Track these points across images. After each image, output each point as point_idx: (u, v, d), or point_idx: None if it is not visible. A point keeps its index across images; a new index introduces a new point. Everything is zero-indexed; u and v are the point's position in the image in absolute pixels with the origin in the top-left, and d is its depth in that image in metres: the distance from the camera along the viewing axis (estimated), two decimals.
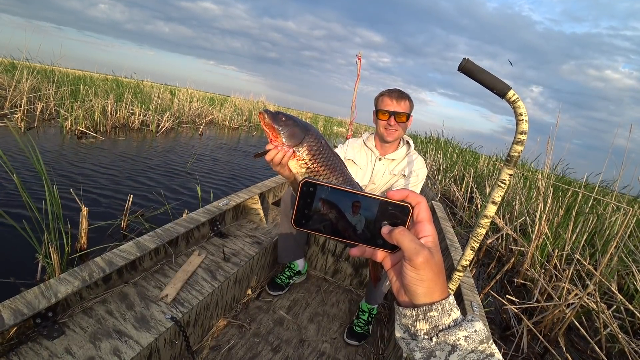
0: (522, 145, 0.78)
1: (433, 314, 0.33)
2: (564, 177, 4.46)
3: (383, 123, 1.38)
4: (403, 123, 1.37)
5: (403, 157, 1.50)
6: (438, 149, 7.25)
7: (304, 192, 0.37)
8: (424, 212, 0.35)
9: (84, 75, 7.84)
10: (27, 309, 0.86)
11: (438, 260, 0.33)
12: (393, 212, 0.36)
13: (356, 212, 0.36)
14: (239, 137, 8.17)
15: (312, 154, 0.61)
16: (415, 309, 0.34)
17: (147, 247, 1.20)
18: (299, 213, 0.37)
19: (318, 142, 0.62)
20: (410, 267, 0.33)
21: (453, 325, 0.33)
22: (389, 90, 1.37)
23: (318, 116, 18.63)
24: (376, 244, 0.37)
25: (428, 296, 0.33)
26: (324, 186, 0.37)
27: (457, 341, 0.32)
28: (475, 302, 1.32)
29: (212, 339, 1.31)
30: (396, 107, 1.34)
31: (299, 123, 0.63)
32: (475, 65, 0.83)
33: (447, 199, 4.99)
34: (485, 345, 0.32)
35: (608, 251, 2.15)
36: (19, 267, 1.58)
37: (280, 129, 0.60)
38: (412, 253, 0.32)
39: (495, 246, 3.27)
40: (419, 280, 0.33)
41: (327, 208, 0.37)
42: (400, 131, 1.39)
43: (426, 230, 0.34)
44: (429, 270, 0.32)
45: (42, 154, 3.43)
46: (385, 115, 1.35)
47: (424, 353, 0.33)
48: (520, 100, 0.80)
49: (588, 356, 1.88)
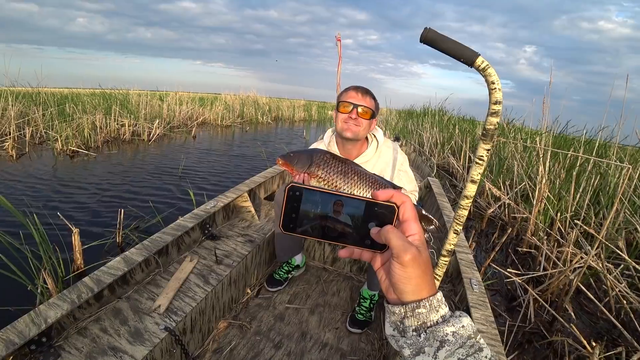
0: (497, 116, 0.73)
1: (421, 311, 0.34)
2: (564, 136, 4.36)
3: (343, 116, 1.22)
4: (366, 120, 1.22)
5: (374, 154, 1.34)
6: (433, 121, 7.13)
7: (290, 196, 0.37)
8: (410, 212, 0.36)
9: (70, 93, 7.77)
10: (19, 338, 0.87)
11: (425, 257, 0.34)
12: (379, 212, 0.37)
13: (340, 212, 0.37)
14: (233, 135, 8.11)
15: (323, 168, 0.77)
16: (403, 307, 0.34)
17: (135, 261, 1.20)
18: (287, 217, 0.38)
19: (324, 159, 0.79)
20: (399, 264, 0.33)
21: (441, 322, 0.33)
22: (355, 86, 1.25)
23: (311, 102, 18.28)
24: (364, 244, 0.38)
25: (416, 293, 0.34)
26: (310, 189, 0.37)
27: (445, 337, 0.32)
28: (474, 278, 1.30)
29: (213, 342, 1.31)
30: (361, 101, 1.20)
31: (304, 151, 0.82)
32: (438, 33, 0.77)
33: (447, 171, 4.93)
34: (473, 340, 0.32)
35: (612, 208, 2.11)
36: (19, 294, 1.60)
37: (292, 162, 0.79)
38: (400, 250, 0.33)
39: (498, 214, 3.24)
40: (406, 278, 0.33)
41: (314, 211, 0.37)
42: (361, 128, 1.23)
43: (412, 229, 0.35)
44: (417, 268, 0.33)
45: (33, 178, 3.44)
46: (346, 108, 1.20)
47: (413, 349, 0.34)
48: (491, 67, 0.74)
49: (598, 318, 1.86)
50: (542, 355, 1.59)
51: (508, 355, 1.52)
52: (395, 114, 11.03)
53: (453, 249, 0.79)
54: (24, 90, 6.42)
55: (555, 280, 1.89)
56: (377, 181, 0.76)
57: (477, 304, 1.16)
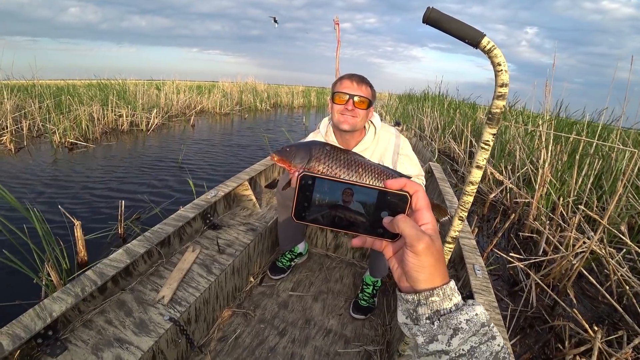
0: (503, 99, 0.69)
1: (434, 299, 0.34)
2: (567, 119, 4.30)
3: (339, 108, 1.18)
4: (363, 110, 1.18)
5: (372, 141, 1.32)
6: (434, 106, 7.03)
7: (302, 185, 0.37)
8: (422, 200, 0.36)
9: (66, 85, 7.65)
10: (25, 332, 0.87)
11: (438, 246, 0.34)
12: (392, 201, 0.37)
13: (352, 201, 0.37)
14: (232, 122, 8.05)
15: (323, 162, 0.70)
16: (416, 294, 0.34)
17: (137, 252, 1.19)
18: (299, 206, 0.38)
19: (323, 151, 0.71)
20: (412, 253, 0.33)
21: (454, 310, 0.33)
22: (349, 74, 1.20)
23: (310, 88, 18.00)
24: (376, 233, 0.38)
25: (429, 282, 0.34)
26: (322, 178, 0.37)
27: (458, 324, 0.32)
28: (477, 264, 1.30)
29: (218, 331, 1.33)
30: (356, 90, 1.16)
31: (301, 145, 0.72)
32: (442, 13, 0.73)
33: (448, 156, 4.89)
34: (486, 328, 0.33)
35: (616, 193, 2.09)
36: (26, 287, 1.62)
37: (289, 157, 0.69)
38: (414, 239, 0.33)
39: (500, 199, 3.23)
40: (420, 266, 0.33)
41: (326, 200, 0.37)
42: (358, 119, 1.20)
43: (425, 218, 0.35)
44: (430, 257, 0.33)
45: (33, 172, 3.42)
46: (342, 99, 1.17)
47: (426, 337, 0.34)
48: (497, 47, 0.70)
49: (600, 302, 1.88)
50: (544, 339, 1.61)
51: (510, 339, 1.54)
52: (395, 98, 10.87)
53: (457, 235, 0.78)
54: (19, 83, 6.31)
55: (557, 265, 1.90)
56: (383, 171, 0.71)
57: (480, 290, 1.16)
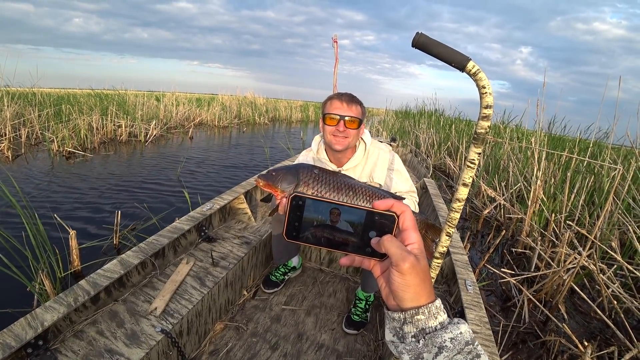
0: (488, 120, 0.74)
1: (420, 317, 0.34)
2: (560, 137, 4.40)
3: (331, 129, 1.21)
4: (354, 130, 1.21)
5: (362, 157, 1.34)
6: (430, 122, 7.16)
7: (293, 206, 0.38)
8: (409, 221, 0.37)
9: (67, 94, 7.73)
10: (15, 341, 0.87)
11: (424, 266, 0.35)
12: (379, 221, 0.38)
13: (339, 220, 0.38)
14: (230, 135, 8.11)
15: (312, 186, 0.68)
16: (402, 313, 0.35)
17: (131, 263, 1.20)
18: (290, 226, 0.39)
19: (311, 175, 0.69)
20: (398, 272, 0.34)
21: (440, 328, 0.34)
22: (338, 94, 1.23)
23: (308, 103, 18.27)
24: (365, 252, 0.39)
25: (415, 300, 0.35)
26: (313, 199, 0.39)
27: (443, 343, 0.33)
28: (469, 279, 1.31)
29: (210, 344, 1.32)
30: (347, 111, 1.18)
31: (288, 169, 0.70)
32: (430, 38, 0.78)
33: (443, 172, 4.95)
34: (471, 347, 0.33)
35: (605, 209, 2.13)
36: (20, 295, 1.60)
37: (275, 182, 0.67)
38: (399, 259, 0.34)
39: (494, 215, 3.26)
40: (405, 285, 0.34)
41: (317, 220, 0.38)
42: (350, 139, 1.22)
43: (412, 238, 0.36)
44: (415, 276, 0.34)
45: (30, 180, 3.42)
46: (333, 121, 1.19)
47: (412, 355, 0.34)
48: (482, 71, 0.76)
49: (592, 317, 1.88)
50: (536, 355, 1.61)
51: (502, 355, 1.54)
52: (392, 115, 11.06)
53: (445, 251, 0.80)
54: (19, 90, 6.38)
55: (549, 280, 1.91)
56: (374, 193, 0.71)
57: (471, 305, 1.17)
